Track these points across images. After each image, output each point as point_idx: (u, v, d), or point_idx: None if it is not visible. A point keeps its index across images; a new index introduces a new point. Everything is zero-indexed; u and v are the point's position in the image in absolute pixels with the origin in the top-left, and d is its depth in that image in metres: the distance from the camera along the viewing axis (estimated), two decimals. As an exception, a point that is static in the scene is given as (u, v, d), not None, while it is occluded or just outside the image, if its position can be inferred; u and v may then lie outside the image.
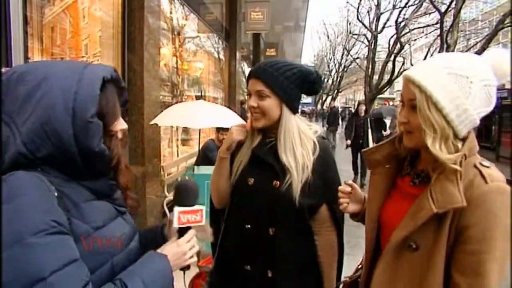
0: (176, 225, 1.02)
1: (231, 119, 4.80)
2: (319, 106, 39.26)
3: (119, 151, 0.96)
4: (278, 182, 1.36)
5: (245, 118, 1.47)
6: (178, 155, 6.41)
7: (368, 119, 8.20)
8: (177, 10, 6.55)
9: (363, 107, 8.64)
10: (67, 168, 0.86)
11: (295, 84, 1.38)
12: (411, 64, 15.39)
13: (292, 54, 23.25)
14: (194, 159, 5.33)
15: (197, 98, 7.70)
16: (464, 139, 1.01)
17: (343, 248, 1.49)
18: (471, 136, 1.03)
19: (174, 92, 6.38)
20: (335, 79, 35.44)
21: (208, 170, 3.65)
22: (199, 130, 4.74)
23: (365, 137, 8.06)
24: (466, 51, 14.52)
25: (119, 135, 0.97)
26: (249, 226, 1.39)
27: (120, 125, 0.97)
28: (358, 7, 19.96)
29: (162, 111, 4.14)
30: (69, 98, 0.82)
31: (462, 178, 0.96)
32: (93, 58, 3.76)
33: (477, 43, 14.20)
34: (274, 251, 1.36)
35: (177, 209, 1.03)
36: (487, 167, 1.00)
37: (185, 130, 6.80)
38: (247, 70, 14.70)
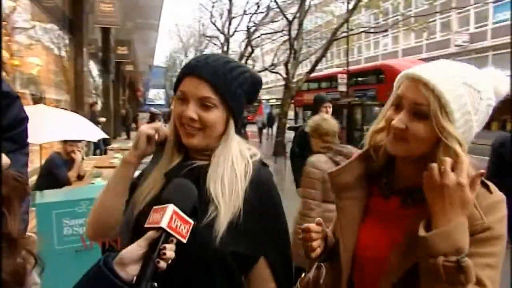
0: (164, 224, 0.80)
1: (82, 129, 4.03)
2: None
3: None
4: (196, 221, 0.96)
5: (95, 124, 1.05)
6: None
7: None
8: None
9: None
10: None
11: (245, 92, 1.06)
12: (263, 66, 16.56)
13: (145, 54, 22.07)
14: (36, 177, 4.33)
15: (35, 100, 6.43)
16: None
17: None
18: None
19: None
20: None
21: (55, 196, 2.72)
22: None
23: None
24: (311, 55, 16.39)
25: None
26: (155, 285, 0.91)
27: None
28: (211, 11, 20.55)
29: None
30: None
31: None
32: None
33: (316, 51, 16.11)
34: None
35: (173, 206, 0.82)
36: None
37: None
38: (95, 69, 13.14)
